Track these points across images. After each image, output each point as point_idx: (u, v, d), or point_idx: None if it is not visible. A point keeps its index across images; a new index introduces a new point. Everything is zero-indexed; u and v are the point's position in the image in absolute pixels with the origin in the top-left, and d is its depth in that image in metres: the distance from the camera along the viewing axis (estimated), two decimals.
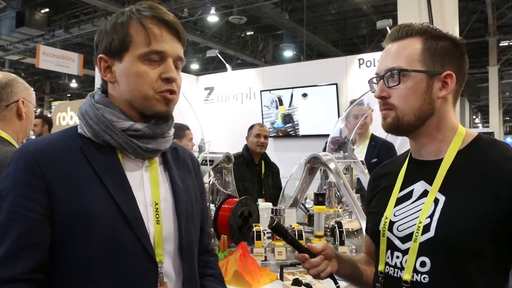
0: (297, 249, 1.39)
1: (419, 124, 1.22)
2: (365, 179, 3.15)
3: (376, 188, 1.42)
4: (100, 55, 1.18)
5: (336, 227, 2.47)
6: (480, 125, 28.96)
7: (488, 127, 18.93)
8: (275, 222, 1.42)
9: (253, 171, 4.28)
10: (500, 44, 15.87)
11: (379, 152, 3.83)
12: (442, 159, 1.21)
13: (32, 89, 2.07)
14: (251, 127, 4.43)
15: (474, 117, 26.19)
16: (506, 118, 27.91)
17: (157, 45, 1.13)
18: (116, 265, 1.07)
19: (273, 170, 4.49)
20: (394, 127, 1.24)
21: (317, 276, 1.36)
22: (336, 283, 1.41)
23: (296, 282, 2.03)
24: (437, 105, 1.22)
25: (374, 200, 1.41)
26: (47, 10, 13.49)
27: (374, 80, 1.30)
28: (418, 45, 1.22)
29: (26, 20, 12.58)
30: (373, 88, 1.32)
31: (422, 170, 1.26)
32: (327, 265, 1.36)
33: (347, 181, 2.83)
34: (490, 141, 1.21)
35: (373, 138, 4.05)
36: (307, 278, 2.08)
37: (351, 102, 4.32)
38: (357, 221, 2.68)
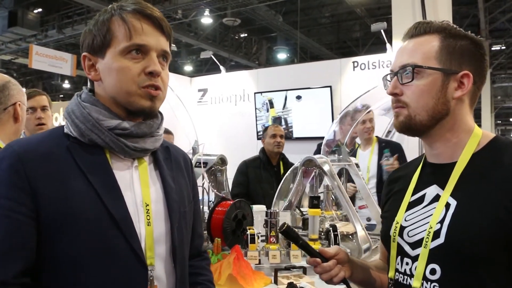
0: (309, 254, 1.35)
1: (432, 124, 1.17)
2: (360, 182, 3.14)
3: (389, 192, 1.38)
4: (84, 53, 1.17)
5: (331, 230, 2.46)
6: None
7: None
8: (286, 225, 1.36)
9: (270, 172, 4.22)
10: (492, 48, 15.95)
11: (393, 150, 3.83)
12: (456, 162, 1.16)
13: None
14: (265, 129, 4.36)
15: None
16: (498, 122, 28.06)
17: (138, 39, 1.11)
18: (104, 267, 1.04)
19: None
20: (406, 126, 1.20)
21: (329, 281, 1.32)
22: (349, 287, 1.37)
23: (290, 286, 2.01)
24: (452, 106, 1.16)
25: (387, 204, 1.37)
26: (40, 10, 13.39)
27: (388, 77, 1.26)
28: (435, 43, 1.17)
29: (19, 19, 12.46)
30: (386, 86, 1.27)
31: (436, 173, 1.21)
32: (339, 270, 1.32)
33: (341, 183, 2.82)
34: (507, 143, 1.15)
35: (381, 140, 4.12)
36: (302, 282, 2.07)
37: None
38: (351, 224, 2.67)
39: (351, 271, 1.36)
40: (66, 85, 19.97)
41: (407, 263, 1.19)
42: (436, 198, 1.17)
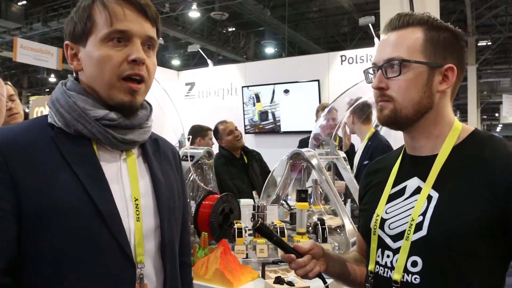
0: (283, 250, 1.34)
1: (417, 117, 1.17)
2: (348, 176, 3.14)
3: (368, 184, 1.37)
4: (66, 42, 1.11)
5: (319, 224, 2.44)
6: None
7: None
8: (259, 222, 1.36)
9: (238, 167, 4.15)
10: (479, 44, 16.12)
11: (372, 154, 3.66)
12: (437, 154, 1.16)
13: (3, 82, 1.99)
14: (216, 130, 4.23)
15: None
16: (484, 117, 28.42)
17: (119, 25, 1.05)
18: (89, 265, 0.99)
19: (254, 157, 4.33)
20: (391, 120, 1.19)
21: (305, 276, 1.31)
22: (325, 282, 1.36)
23: (278, 280, 2.00)
24: (436, 99, 1.17)
25: (366, 196, 1.37)
26: (24, 2, 13.21)
27: (371, 71, 1.24)
28: (419, 35, 1.16)
29: (3, 12, 12.30)
30: (368, 79, 1.26)
31: (416, 166, 1.21)
32: (314, 264, 1.31)
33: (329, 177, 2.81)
34: (486, 137, 1.16)
35: (372, 137, 3.85)
36: (289, 276, 2.05)
37: (323, 107, 4.28)
38: (339, 217, 2.66)
39: (326, 265, 1.35)
40: (52, 79, 19.75)
41: (388, 256, 1.19)
42: (418, 190, 1.17)
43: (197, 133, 4.56)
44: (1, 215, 0.94)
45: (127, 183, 1.10)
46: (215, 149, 4.48)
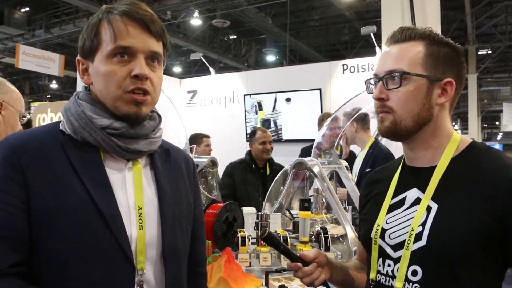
0: (290, 258, 1.37)
1: (416, 129, 1.20)
2: (350, 184, 3.15)
3: (368, 194, 1.40)
4: (78, 58, 1.18)
5: (322, 233, 2.46)
6: (459, 131, 29.38)
7: (467, 133, 19.23)
8: (267, 232, 1.39)
9: (256, 174, 4.25)
10: (479, 53, 16.15)
11: (374, 161, 3.66)
12: (435, 166, 1.20)
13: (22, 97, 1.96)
14: (253, 133, 4.32)
15: (453, 123, 26.62)
16: (484, 125, 28.44)
17: (122, 41, 1.09)
18: (92, 266, 1.03)
19: (276, 171, 4.40)
20: (391, 132, 1.22)
21: (311, 284, 1.34)
22: None
23: None
24: (435, 112, 1.20)
25: (367, 206, 1.39)
26: (27, 9, 13.24)
27: (372, 81, 1.28)
28: (421, 49, 1.19)
29: (5, 18, 12.31)
30: (369, 89, 1.29)
31: (416, 177, 1.24)
32: (320, 273, 1.34)
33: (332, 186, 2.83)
34: (484, 149, 1.20)
35: (373, 145, 3.84)
36: (293, 285, 2.07)
37: (326, 116, 4.30)
38: (342, 226, 2.68)
39: (330, 273, 1.38)
40: (54, 85, 19.77)
41: (389, 265, 1.21)
42: (417, 201, 1.20)
43: (193, 140, 4.63)
44: (14, 212, 1.01)
45: (131, 191, 1.14)
46: (222, 158, 4.53)
